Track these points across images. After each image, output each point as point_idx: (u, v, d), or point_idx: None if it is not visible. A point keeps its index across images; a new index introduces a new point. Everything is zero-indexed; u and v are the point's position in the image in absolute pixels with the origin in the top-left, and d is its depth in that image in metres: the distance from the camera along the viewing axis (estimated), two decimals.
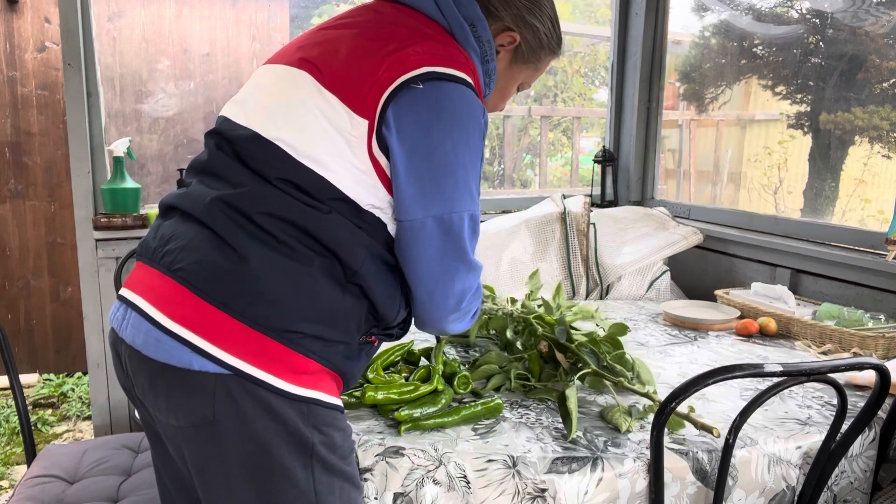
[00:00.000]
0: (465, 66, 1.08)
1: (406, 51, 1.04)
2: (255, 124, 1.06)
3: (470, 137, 1.05)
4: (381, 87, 1.01)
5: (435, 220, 1.05)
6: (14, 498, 1.47)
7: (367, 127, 1.01)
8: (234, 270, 0.97)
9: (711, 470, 1.13)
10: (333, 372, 1.05)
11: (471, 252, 1.10)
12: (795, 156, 2.55)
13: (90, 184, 2.27)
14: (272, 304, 0.97)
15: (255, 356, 0.96)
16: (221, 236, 0.99)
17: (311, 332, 0.99)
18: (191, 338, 0.96)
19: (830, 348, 1.73)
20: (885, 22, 2.09)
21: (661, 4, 2.72)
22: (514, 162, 4.57)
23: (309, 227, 1.00)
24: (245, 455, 0.97)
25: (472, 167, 1.07)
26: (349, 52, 1.06)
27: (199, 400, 0.96)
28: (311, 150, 1.01)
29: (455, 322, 1.17)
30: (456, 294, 1.11)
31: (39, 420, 3.21)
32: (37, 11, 3.54)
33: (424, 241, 1.06)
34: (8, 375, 1.59)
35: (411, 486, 1.10)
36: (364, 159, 1.02)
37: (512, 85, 1.29)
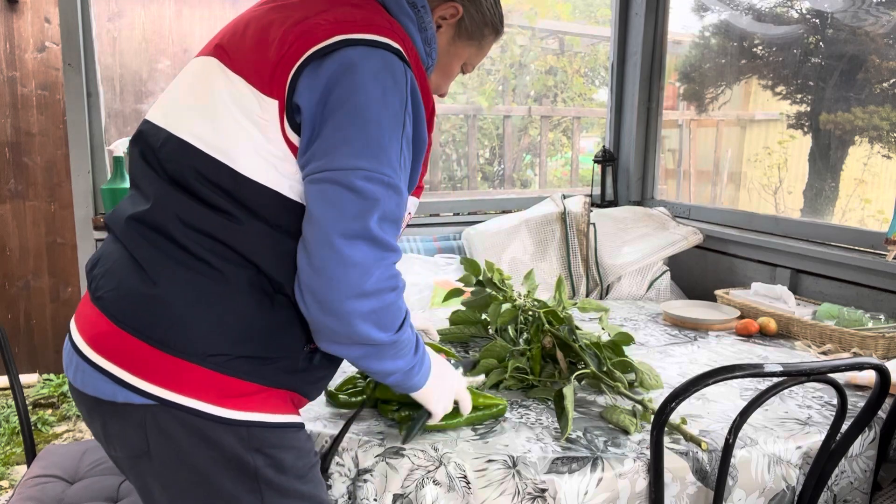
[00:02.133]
0: (390, 31, 0.97)
1: (313, 20, 0.95)
2: (169, 123, 0.99)
3: (386, 96, 0.92)
4: (288, 63, 0.92)
5: (336, 174, 0.90)
6: (14, 498, 1.47)
7: (278, 108, 0.92)
8: (150, 296, 0.92)
9: (711, 470, 1.13)
10: (279, 389, 0.99)
11: (375, 222, 0.91)
12: (795, 156, 2.55)
13: (90, 184, 2.27)
14: (191, 328, 0.92)
15: (180, 384, 0.92)
16: (137, 259, 0.95)
17: (239, 353, 0.93)
18: (113, 370, 0.92)
19: (830, 348, 1.73)
20: (885, 22, 2.09)
21: (661, 4, 2.72)
22: (514, 162, 4.57)
23: (224, 239, 0.93)
24: (186, 485, 0.94)
25: (388, 129, 0.92)
26: (256, 29, 0.98)
27: (132, 432, 0.94)
28: (221, 142, 0.93)
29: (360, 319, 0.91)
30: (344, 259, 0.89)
31: (39, 420, 3.21)
32: (37, 11, 3.54)
33: (321, 197, 0.90)
34: (8, 375, 1.59)
35: (411, 486, 1.10)
36: (279, 144, 0.93)
37: (455, 63, 1.21)
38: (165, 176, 0.97)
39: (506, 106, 4.40)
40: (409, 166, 1.00)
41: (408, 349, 1.01)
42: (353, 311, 0.91)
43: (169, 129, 0.99)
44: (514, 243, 2.36)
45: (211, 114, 0.95)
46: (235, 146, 0.93)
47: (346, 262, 0.89)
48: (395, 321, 0.97)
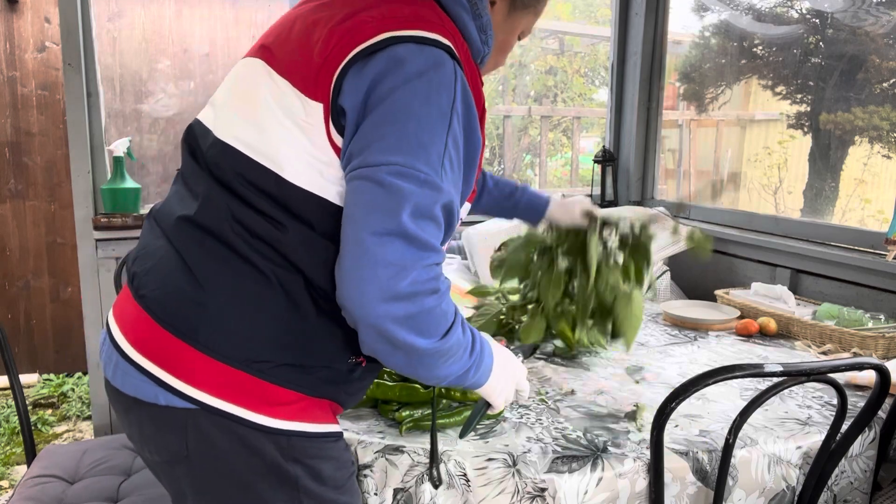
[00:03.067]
0: (440, 27, 0.93)
1: (359, 17, 0.91)
2: (217, 126, 0.98)
3: (431, 93, 0.88)
4: (332, 64, 0.89)
5: (372, 170, 0.85)
6: (14, 498, 1.47)
7: (323, 111, 0.89)
8: (195, 298, 0.90)
9: (711, 470, 1.13)
10: (319, 398, 0.97)
11: (411, 220, 0.85)
12: (795, 156, 2.55)
13: (90, 184, 2.27)
14: (236, 333, 0.90)
15: (224, 389, 0.89)
16: (185, 259, 0.92)
17: (282, 361, 0.91)
18: (156, 371, 0.90)
19: (830, 348, 1.73)
20: (885, 22, 2.09)
21: (661, 4, 2.72)
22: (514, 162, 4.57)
23: (272, 243, 0.90)
24: (223, 492, 0.93)
25: (429, 126, 0.87)
26: (301, 28, 0.95)
27: (171, 436, 0.92)
28: (267, 147, 0.91)
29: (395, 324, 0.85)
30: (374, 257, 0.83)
31: (39, 420, 3.21)
32: (37, 11, 3.54)
33: (356, 194, 0.86)
34: (8, 375, 1.59)
35: (411, 482, 1.10)
36: (325, 148, 0.90)
37: (512, 36, 1.15)
38: (213, 177, 0.95)
39: (506, 106, 4.40)
40: (461, 167, 0.93)
41: (459, 354, 0.94)
42: (386, 315, 0.84)
43: (215, 133, 0.97)
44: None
45: (256, 118, 0.93)
46: (280, 151, 0.90)
47: (377, 261, 0.83)
48: (439, 327, 0.89)
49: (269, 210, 0.91)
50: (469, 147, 0.95)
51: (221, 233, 0.92)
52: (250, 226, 0.91)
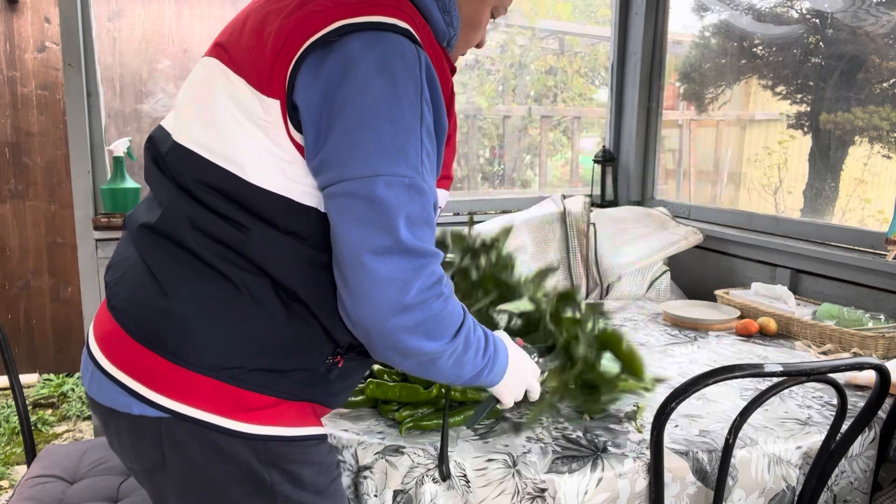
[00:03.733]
0: (395, 10, 0.88)
1: (310, 6, 0.87)
2: (176, 130, 0.95)
3: (398, 87, 0.84)
4: (286, 59, 0.85)
5: (351, 184, 0.83)
6: (14, 498, 1.47)
7: (280, 108, 0.86)
8: (162, 308, 0.89)
9: (711, 470, 1.13)
10: (297, 401, 0.95)
11: (403, 227, 0.84)
12: (795, 156, 2.55)
13: (90, 184, 2.27)
14: (204, 341, 0.89)
15: (196, 397, 0.89)
16: (150, 267, 0.91)
17: (255, 366, 0.90)
18: (128, 382, 0.90)
19: (830, 348, 1.73)
20: (885, 22, 2.09)
21: (661, 4, 2.72)
22: (514, 162, 4.57)
23: (237, 247, 0.89)
24: (200, 499, 0.93)
25: (403, 125, 0.84)
26: (254, 22, 0.91)
27: (147, 445, 0.92)
28: (226, 149, 0.88)
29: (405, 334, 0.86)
30: (379, 277, 0.83)
31: (39, 420, 3.21)
32: (37, 11, 3.54)
33: (341, 211, 0.84)
34: (8, 375, 1.59)
35: (411, 483, 1.10)
36: (285, 146, 0.87)
37: (482, 10, 1.05)
38: (174, 183, 0.93)
39: (506, 106, 4.40)
40: (436, 160, 0.91)
41: (471, 354, 0.95)
42: (397, 328, 0.85)
43: (174, 137, 0.95)
44: (514, 243, 2.36)
45: (214, 119, 0.90)
46: (241, 153, 0.88)
47: (381, 280, 0.83)
48: (448, 328, 0.90)
49: (230, 213, 0.89)
50: (439, 131, 0.92)
51: (183, 240, 0.90)
52: (212, 232, 0.89)
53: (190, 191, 0.91)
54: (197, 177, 0.90)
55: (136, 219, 0.97)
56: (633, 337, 1.82)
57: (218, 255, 0.89)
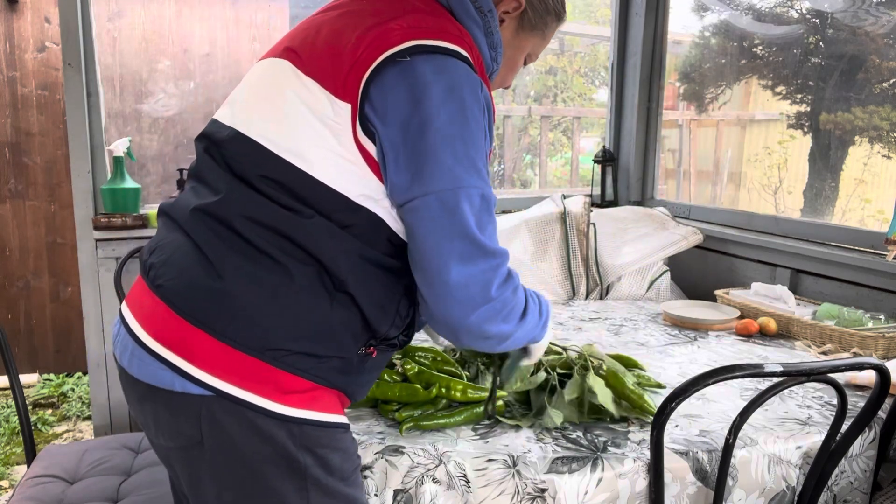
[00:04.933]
0: (459, 39, 0.99)
1: (388, 25, 0.96)
2: (237, 122, 1.01)
3: (467, 109, 0.95)
4: (362, 67, 0.93)
5: (436, 196, 0.93)
6: (14, 498, 1.47)
7: (350, 112, 0.93)
8: (213, 287, 0.93)
9: (711, 470, 1.13)
10: (331, 388, 0.99)
11: (480, 233, 0.95)
12: (795, 156, 2.55)
13: (90, 184, 2.27)
14: (252, 321, 0.92)
15: (239, 376, 0.92)
16: (202, 249, 0.95)
17: (297, 349, 0.94)
18: (172, 358, 0.93)
19: (830, 348, 1.73)
20: (885, 22, 2.09)
21: (661, 4, 2.72)
22: (514, 162, 4.57)
23: (290, 234, 0.94)
24: (234, 478, 0.94)
25: (472, 142, 0.95)
26: (329, 33, 0.99)
27: (186, 421, 0.94)
28: (291, 144, 0.94)
29: (486, 323, 0.98)
30: (464, 281, 0.94)
31: (39, 420, 3.21)
32: (37, 11, 3.54)
33: (426, 222, 0.94)
34: (8, 375, 1.59)
35: (411, 483, 1.10)
36: (351, 148, 0.94)
37: (519, 56, 1.20)
38: (231, 172, 0.98)
39: (506, 106, 4.40)
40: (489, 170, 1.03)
41: (532, 324, 1.09)
42: (481, 320, 0.97)
43: (237, 128, 1.00)
44: (514, 243, 2.36)
45: (282, 116, 0.96)
46: (307, 149, 0.94)
47: (466, 283, 0.95)
48: (517, 312, 1.04)
49: (288, 203, 0.94)
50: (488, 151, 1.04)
51: (236, 225, 0.94)
52: (266, 219, 0.94)
53: (248, 180, 0.96)
54: (258, 166, 0.96)
55: (186, 205, 1.01)
56: (633, 337, 1.82)
57: (270, 241, 0.94)
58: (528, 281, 2.29)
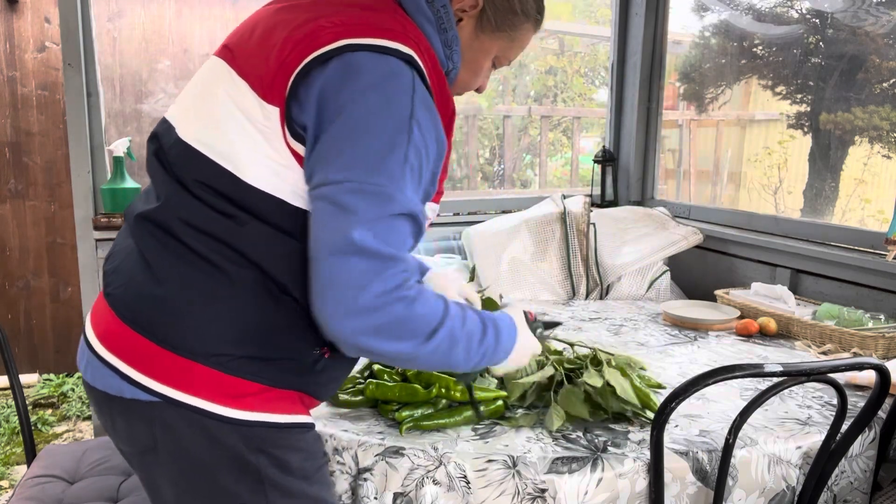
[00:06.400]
0: (402, 36, 0.93)
1: (318, 22, 0.91)
2: (178, 126, 0.98)
3: (390, 104, 0.88)
4: (288, 69, 0.89)
5: (327, 188, 0.87)
6: (14, 498, 1.47)
7: (279, 115, 0.90)
8: (155, 295, 0.93)
9: (711, 470, 1.13)
10: (286, 390, 0.98)
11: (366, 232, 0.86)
12: (795, 156, 2.55)
13: (90, 184, 2.27)
14: (193, 327, 0.92)
15: (184, 383, 0.92)
16: (145, 256, 0.95)
17: (242, 354, 0.93)
18: (120, 366, 0.93)
19: (830, 348, 1.73)
20: (885, 22, 2.09)
21: (661, 4, 2.72)
22: (514, 162, 4.57)
23: (227, 240, 0.92)
24: (190, 482, 0.95)
25: (388, 139, 0.88)
26: (263, 30, 0.95)
27: (139, 428, 0.95)
28: (225, 147, 0.92)
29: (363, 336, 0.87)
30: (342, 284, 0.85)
31: (39, 420, 3.21)
32: (37, 11, 3.54)
33: (315, 213, 0.89)
34: (8, 375, 1.59)
35: (411, 486, 1.10)
36: (283, 152, 0.91)
37: (483, 58, 1.11)
38: (173, 177, 0.96)
39: (506, 106, 4.40)
40: (423, 175, 0.94)
41: (459, 349, 0.96)
42: (355, 330, 0.86)
43: (178, 132, 0.98)
44: (514, 243, 2.36)
45: (215, 118, 0.94)
46: (240, 153, 0.91)
47: (339, 280, 0.86)
48: (417, 330, 0.90)
49: (225, 208, 0.92)
50: (436, 152, 0.96)
51: (176, 231, 0.93)
52: (204, 225, 0.92)
53: (187, 185, 0.94)
54: (195, 172, 0.94)
55: (133, 209, 1.01)
56: (633, 337, 1.82)
57: (209, 246, 0.92)
58: (528, 281, 2.29)
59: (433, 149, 0.95)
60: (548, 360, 1.35)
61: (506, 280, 2.29)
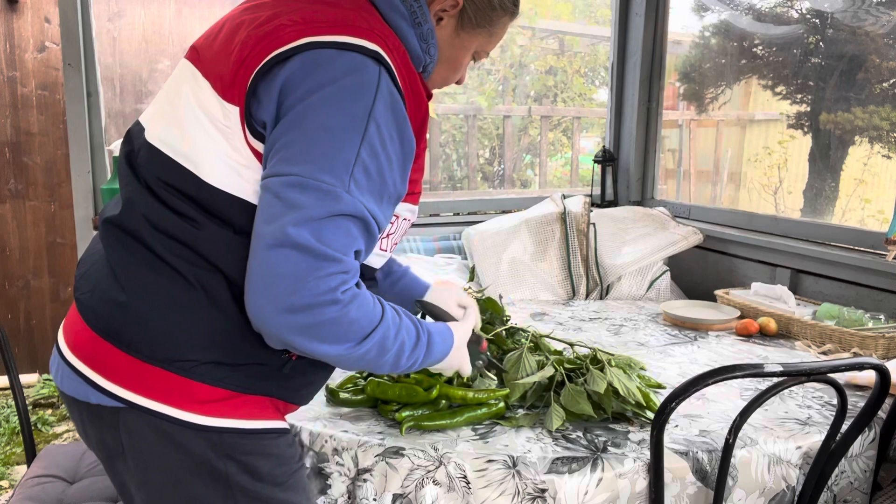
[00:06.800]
0: (367, 32, 0.91)
1: (280, 20, 0.90)
2: (146, 125, 0.99)
3: (343, 99, 0.87)
4: (248, 68, 0.89)
5: (272, 180, 0.86)
6: (14, 498, 1.47)
7: (239, 114, 0.90)
8: (118, 300, 0.92)
9: (711, 470, 1.13)
10: (254, 395, 0.97)
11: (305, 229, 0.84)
12: (795, 156, 2.55)
13: (90, 184, 2.27)
14: (157, 333, 0.91)
15: (149, 388, 0.91)
16: (111, 263, 0.95)
17: (207, 359, 0.92)
18: (86, 372, 0.94)
19: (830, 348, 1.73)
20: (885, 22, 2.09)
21: (661, 4, 2.72)
22: (514, 162, 4.58)
23: (189, 243, 0.91)
24: (159, 487, 0.95)
25: (340, 137, 0.86)
26: (227, 30, 0.95)
27: (107, 434, 0.95)
28: (188, 148, 0.92)
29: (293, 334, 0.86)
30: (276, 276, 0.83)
31: (39, 420, 3.21)
32: (37, 11, 3.54)
33: (259, 207, 0.88)
34: (8, 375, 1.59)
35: (411, 486, 1.10)
36: (244, 152, 0.90)
37: (463, 54, 1.12)
38: (140, 179, 0.96)
39: (506, 106, 4.40)
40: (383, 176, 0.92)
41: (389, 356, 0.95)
42: (283, 326, 0.85)
43: (145, 134, 0.98)
44: (514, 243, 2.36)
45: (178, 119, 0.94)
46: (201, 153, 0.91)
47: (271, 273, 0.84)
48: (348, 334, 0.89)
49: (187, 211, 0.91)
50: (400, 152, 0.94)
51: (140, 235, 0.93)
52: (167, 228, 0.92)
53: (150, 187, 0.94)
54: (158, 173, 0.94)
55: (103, 214, 1.01)
56: (633, 337, 1.82)
57: (172, 251, 0.92)
58: (528, 281, 2.29)
59: (395, 149, 0.93)
60: (548, 360, 1.35)
61: (506, 280, 2.29)
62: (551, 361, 1.34)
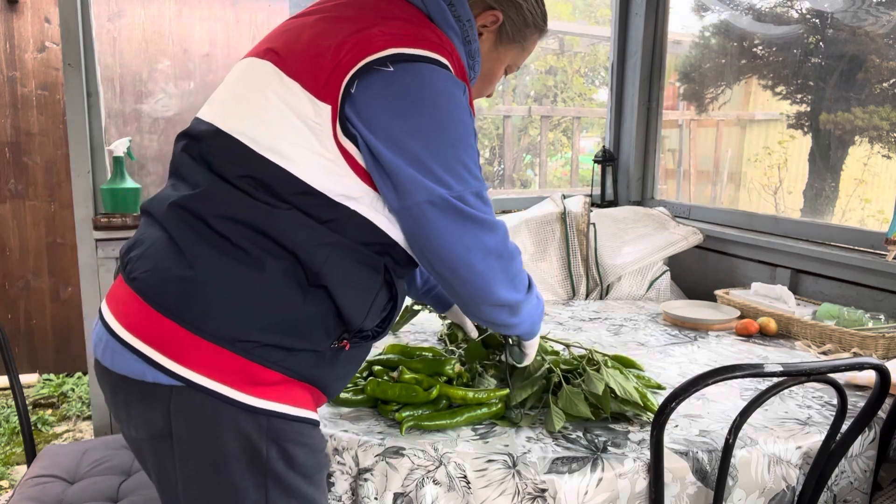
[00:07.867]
0: (440, 47, 1.02)
1: (370, 31, 0.98)
2: (217, 119, 1.02)
3: (452, 113, 0.99)
4: (343, 70, 0.96)
5: (432, 203, 0.98)
6: (14, 498, 1.47)
7: (331, 113, 0.96)
8: (185, 278, 0.94)
9: (711, 470, 1.13)
10: (303, 382, 1.00)
11: (482, 214, 1.02)
12: (795, 156, 2.55)
13: (90, 184, 2.27)
14: (222, 311, 0.93)
15: (208, 367, 0.93)
16: (176, 241, 0.96)
17: (268, 342, 0.95)
18: (144, 349, 0.94)
19: (830, 348, 1.73)
20: (885, 22, 2.09)
21: (661, 4, 2.72)
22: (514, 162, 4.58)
23: (265, 228, 0.95)
24: (198, 470, 0.95)
25: (462, 145, 1.00)
26: (311, 36, 1.02)
27: (156, 412, 0.95)
28: (272, 142, 0.97)
29: (505, 288, 1.07)
30: (477, 259, 1.02)
31: (39, 420, 3.21)
32: (37, 11, 3.54)
33: (430, 225, 0.99)
34: (8, 375, 1.59)
35: (411, 486, 1.10)
36: (331, 148, 0.97)
37: (499, 67, 1.23)
38: (209, 169, 0.99)
39: (506, 106, 4.40)
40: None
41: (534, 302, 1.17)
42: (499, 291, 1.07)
43: (217, 125, 1.01)
44: (514, 243, 2.36)
45: (264, 115, 0.98)
46: (287, 147, 0.96)
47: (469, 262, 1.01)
48: (523, 281, 1.13)
49: (265, 199, 0.96)
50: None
51: (211, 220, 0.96)
52: (240, 214, 0.95)
53: (226, 177, 0.98)
54: (237, 163, 0.98)
55: (163, 199, 1.02)
56: (633, 337, 1.82)
57: (244, 236, 0.95)
58: None
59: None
60: (545, 362, 1.35)
61: None
62: (549, 363, 1.34)
